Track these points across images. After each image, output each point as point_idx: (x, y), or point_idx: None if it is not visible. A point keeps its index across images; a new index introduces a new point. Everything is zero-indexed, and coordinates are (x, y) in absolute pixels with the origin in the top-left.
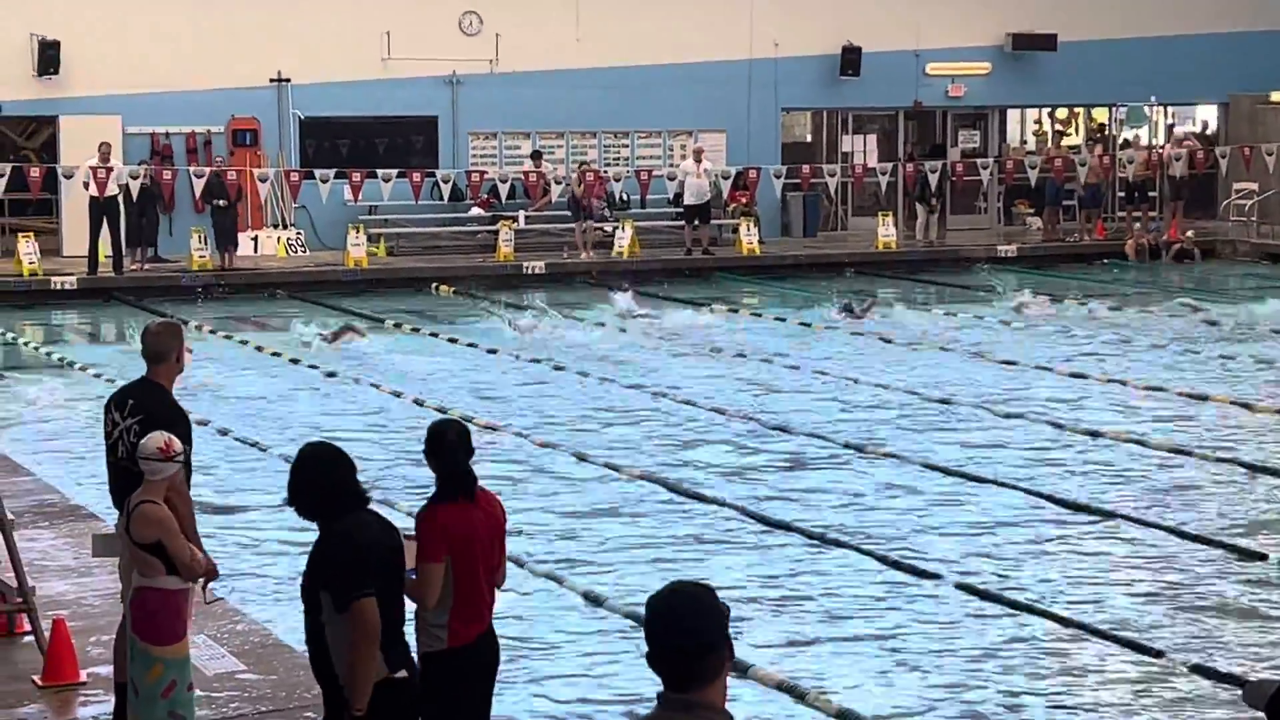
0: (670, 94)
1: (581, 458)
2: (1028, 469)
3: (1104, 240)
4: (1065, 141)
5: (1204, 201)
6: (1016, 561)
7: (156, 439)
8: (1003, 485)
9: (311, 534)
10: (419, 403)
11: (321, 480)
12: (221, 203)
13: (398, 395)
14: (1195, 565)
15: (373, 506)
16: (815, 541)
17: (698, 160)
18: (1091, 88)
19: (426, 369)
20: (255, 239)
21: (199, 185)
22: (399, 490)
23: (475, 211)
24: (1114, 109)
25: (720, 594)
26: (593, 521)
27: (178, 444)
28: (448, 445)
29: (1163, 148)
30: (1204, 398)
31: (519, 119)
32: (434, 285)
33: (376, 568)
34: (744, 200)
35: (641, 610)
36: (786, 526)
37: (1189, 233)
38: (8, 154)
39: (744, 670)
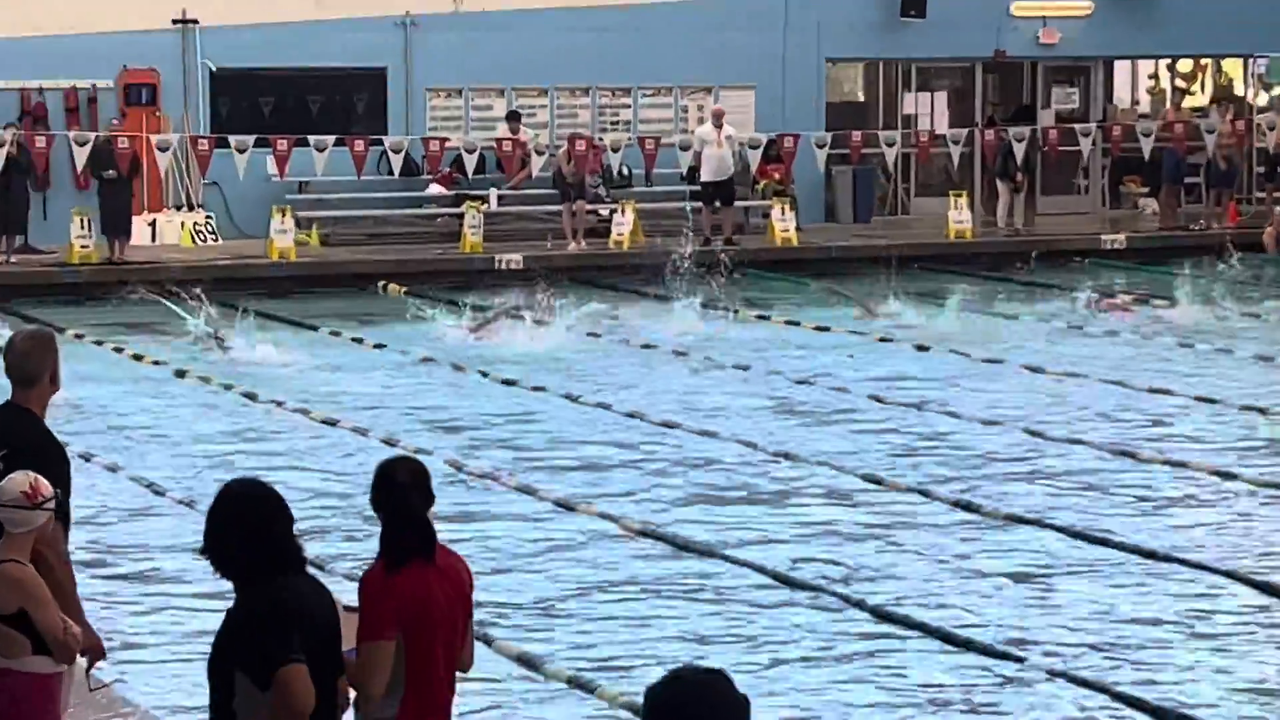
0: (683, 39)
1: (568, 507)
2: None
3: (1236, 227)
4: (1188, 103)
5: None
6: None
7: (20, 481)
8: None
9: (224, 599)
10: (360, 431)
11: (248, 528)
12: (110, 174)
13: (332, 424)
14: None
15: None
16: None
17: (718, 125)
18: (1222, 34)
19: (369, 390)
20: (153, 224)
21: (81, 155)
22: (336, 545)
23: (434, 190)
24: (1250, 61)
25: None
26: (585, 598)
27: (48, 487)
28: (399, 488)
29: None
30: None
31: (490, 71)
32: (381, 284)
33: (308, 642)
34: (777, 176)
35: (639, 701)
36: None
37: None
38: None
39: None
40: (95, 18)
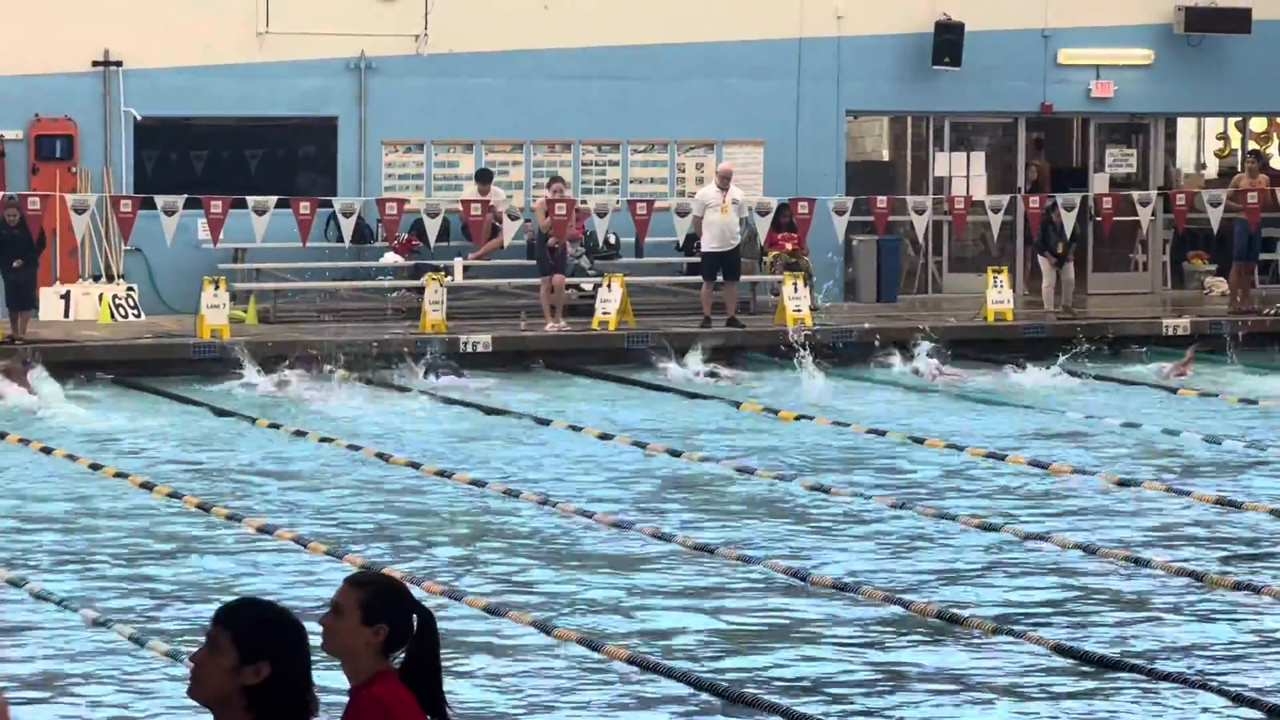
0: (682, 89)
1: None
2: None
3: None
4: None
5: None
6: None
7: None
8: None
9: None
10: (334, 555)
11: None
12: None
13: (300, 545)
14: None
15: None
16: None
17: (724, 187)
18: None
19: (329, 495)
20: (66, 296)
21: None
22: None
23: (390, 260)
24: None
25: None
26: None
27: None
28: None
29: None
30: None
31: (457, 123)
32: (328, 367)
33: None
34: (789, 247)
35: None
36: None
37: None
38: None
39: None
40: (3, 59)
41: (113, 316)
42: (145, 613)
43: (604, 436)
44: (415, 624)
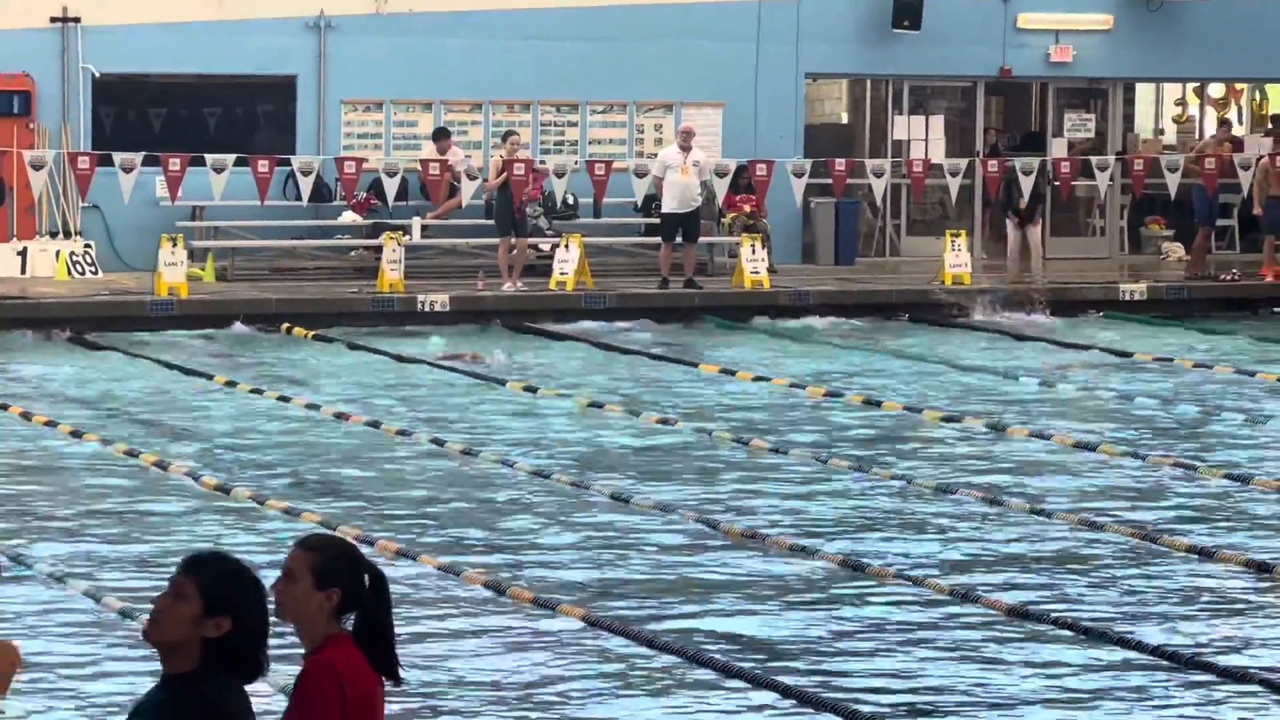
0: (641, 50)
1: (546, 605)
2: None
3: (1272, 280)
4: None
5: None
6: None
7: None
8: None
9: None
10: (290, 512)
11: (265, 618)
12: None
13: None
14: None
15: None
16: None
17: (683, 148)
18: (1260, 54)
19: (283, 451)
20: (23, 253)
21: None
22: None
23: (349, 219)
24: None
25: None
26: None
27: None
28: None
29: None
30: None
31: (416, 82)
32: (284, 325)
33: None
34: (747, 209)
35: None
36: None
37: None
38: None
39: None
40: None
41: (70, 273)
42: (103, 568)
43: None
44: (367, 585)
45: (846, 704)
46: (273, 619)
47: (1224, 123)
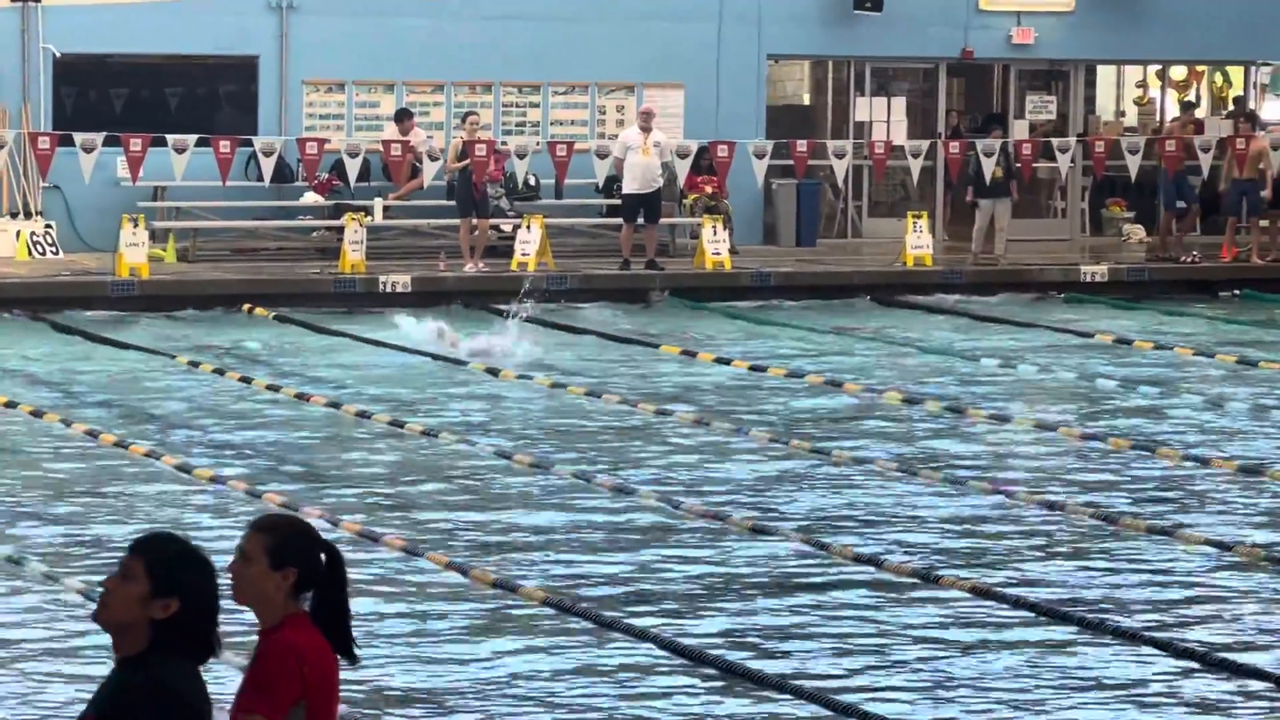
0: (603, 31)
1: (510, 586)
2: None
3: (1231, 261)
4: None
5: None
6: None
7: None
8: None
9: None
10: (253, 493)
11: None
12: None
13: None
14: None
15: None
16: None
17: (644, 129)
18: (1221, 37)
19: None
20: None
21: None
22: None
23: (310, 199)
24: (1253, 70)
25: None
26: None
27: None
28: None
29: None
30: None
31: (378, 63)
32: (246, 306)
33: None
34: (709, 190)
35: None
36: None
37: None
38: None
39: None
40: None
41: (30, 253)
42: (60, 548)
43: (523, 378)
44: (323, 563)
45: (805, 686)
46: (227, 600)
47: (1190, 105)
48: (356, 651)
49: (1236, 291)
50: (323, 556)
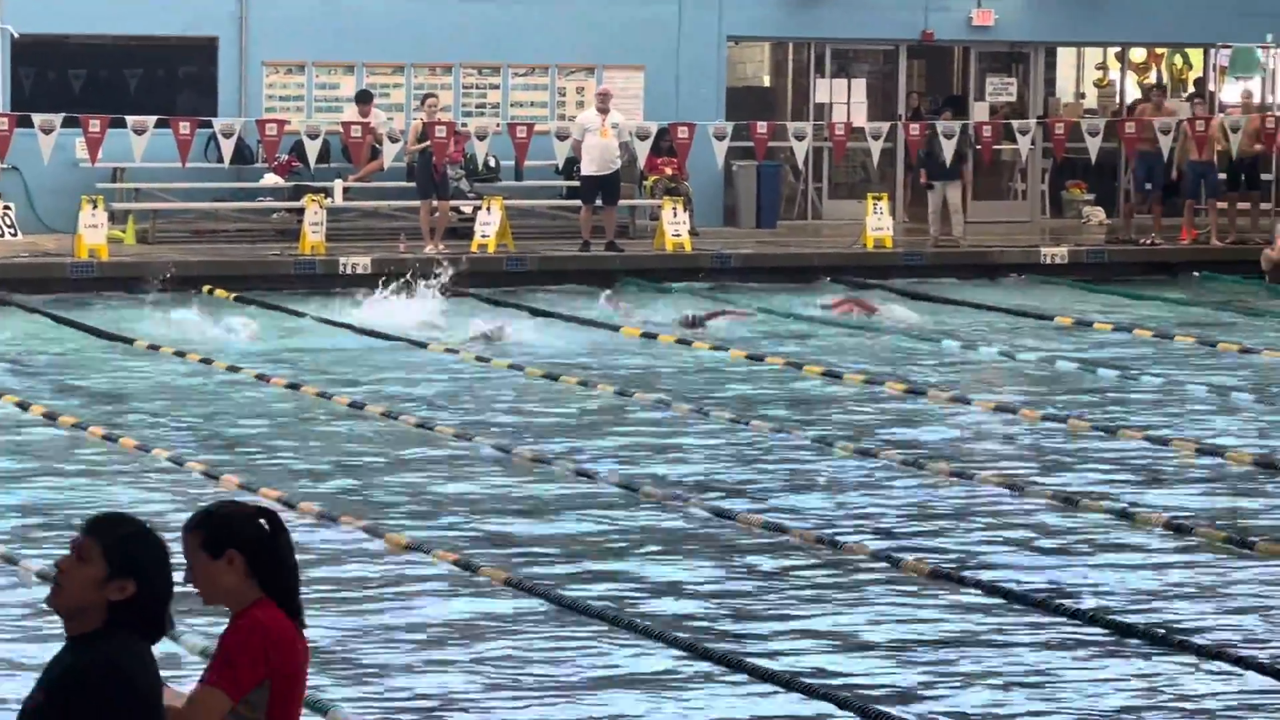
0: (563, 12)
1: (467, 567)
2: None
3: (1190, 243)
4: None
5: None
6: None
7: None
8: None
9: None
10: (211, 475)
11: (170, 580)
12: None
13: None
14: None
15: None
16: None
17: (604, 110)
18: (1180, 19)
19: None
20: None
21: None
22: None
23: (270, 181)
24: (1212, 52)
25: None
26: None
27: None
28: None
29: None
30: None
31: (338, 44)
32: (205, 287)
33: None
34: (669, 171)
35: None
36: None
37: None
38: None
39: None
40: None
41: None
42: (17, 531)
43: (481, 359)
44: (265, 531)
45: (763, 665)
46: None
47: (1158, 87)
48: (303, 620)
49: (1196, 273)
50: (263, 523)
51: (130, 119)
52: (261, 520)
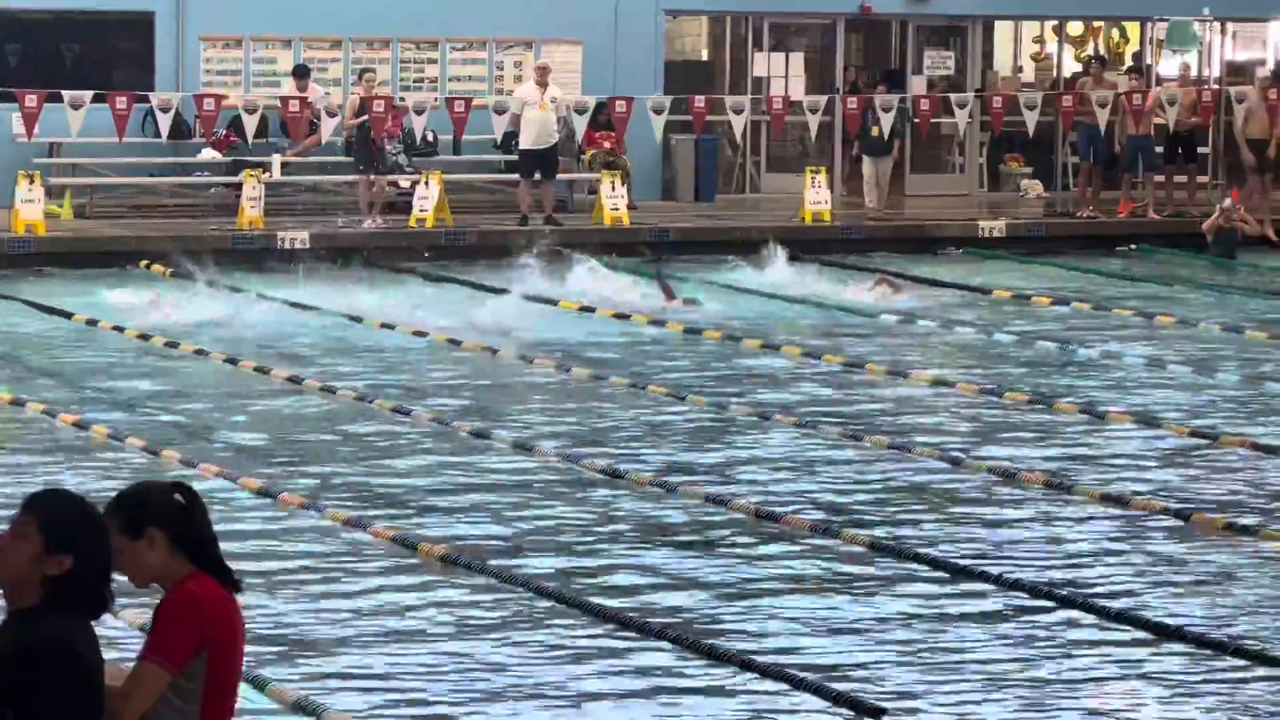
0: None
1: (414, 548)
2: None
3: (1128, 216)
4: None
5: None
6: None
7: None
8: None
9: None
10: (152, 452)
11: (108, 556)
12: None
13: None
14: None
15: None
16: None
17: (542, 84)
18: None
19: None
20: None
21: None
22: None
23: (208, 156)
24: (1149, 25)
25: None
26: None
27: None
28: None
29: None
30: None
31: (275, 19)
32: (144, 263)
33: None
34: (607, 145)
35: None
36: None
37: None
38: None
39: None
40: None
41: None
42: None
43: (419, 334)
44: (181, 503)
45: (706, 642)
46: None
47: (1096, 60)
48: (238, 580)
49: (1133, 246)
50: (177, 496)
51: (67, 94)
52: (176, 494)
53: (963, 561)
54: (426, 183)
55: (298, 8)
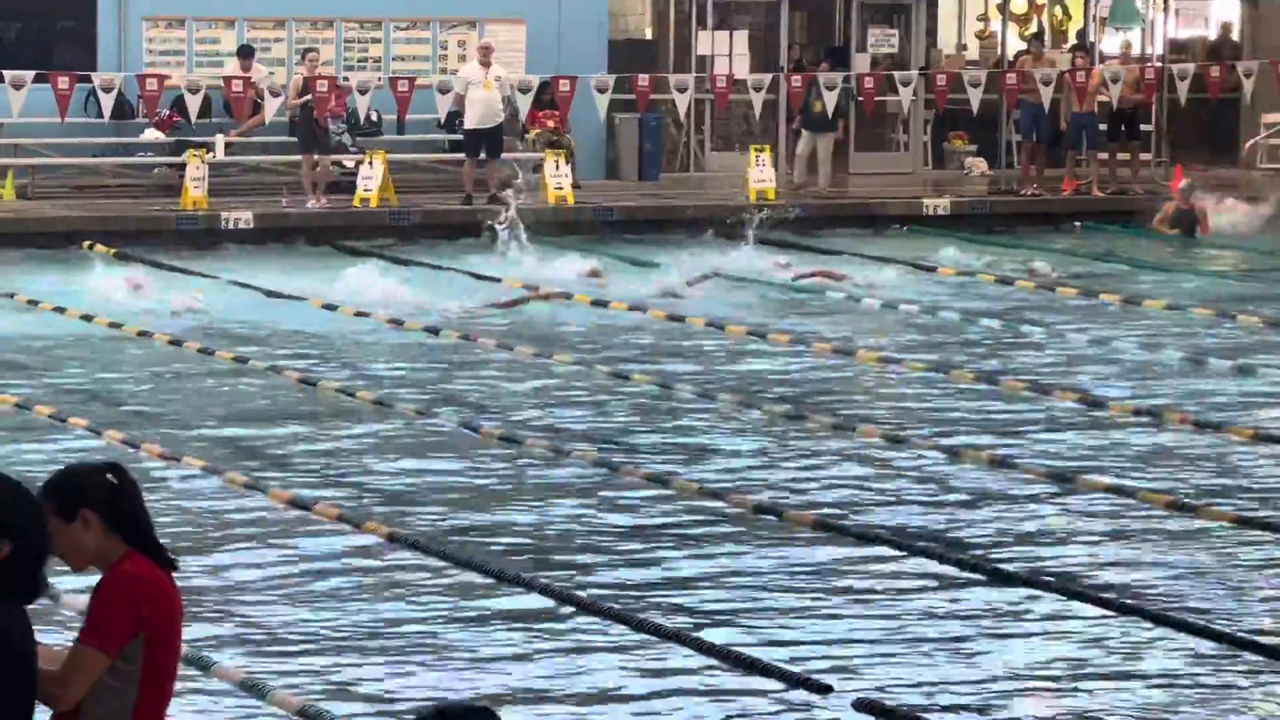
0: None
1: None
2: None
3: (1071, 194)
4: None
5: (1218, 142)
6: None
7: None
8: None
9: None
10: (94, 430)
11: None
12: None
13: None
14: None
15: None
16: None
17: (485, 63)
18: None
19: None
20: None
21: None
22: None
23: (151, 136)
24: (1093, 2)
25: None
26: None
27: None
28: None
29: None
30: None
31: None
32: (87, 244)
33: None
34: (551, 125)
35: None
36: None
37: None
38: None
39: None
40: None
41: None
42: None
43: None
44: (113, 485)
45: (623, 610)
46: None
47: (1038, 38)
48: (173, 559)
49: (1077, 224)
50: (109, 477)
51: (8, 73)
52: (108, 475)
53: (919, 543)
54: (370, 162)
55: None
